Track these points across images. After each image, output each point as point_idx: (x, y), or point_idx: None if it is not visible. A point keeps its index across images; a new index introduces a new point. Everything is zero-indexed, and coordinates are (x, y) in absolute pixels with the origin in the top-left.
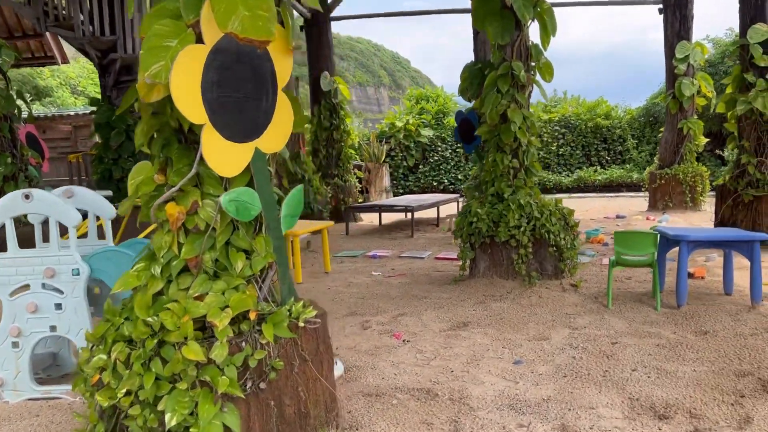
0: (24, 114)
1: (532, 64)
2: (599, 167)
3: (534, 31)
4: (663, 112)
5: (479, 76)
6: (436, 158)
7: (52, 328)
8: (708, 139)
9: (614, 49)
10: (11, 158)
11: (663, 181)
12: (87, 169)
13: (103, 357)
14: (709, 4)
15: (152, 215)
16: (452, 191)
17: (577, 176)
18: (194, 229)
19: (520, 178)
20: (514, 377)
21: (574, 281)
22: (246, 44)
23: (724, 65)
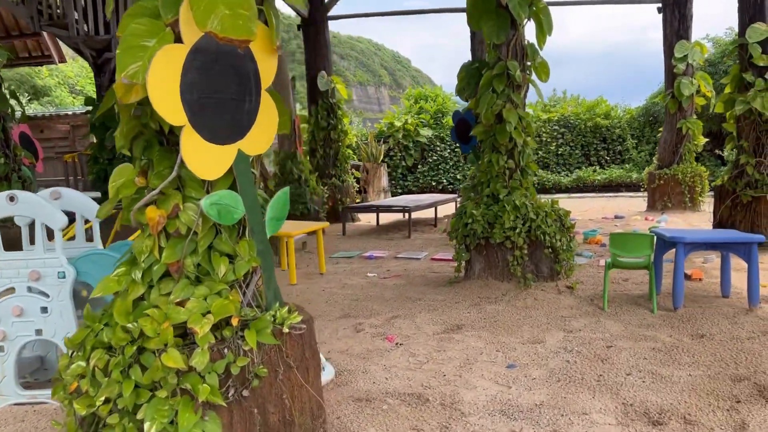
0: (18, 114)
1: (527, 63)
2: (598, 167)
3: (530, 31)
4: (662, 111)
5: (476, 76)
6: (434, 158)
7: (38, 331)
8: (707, 139)
9: (614, 48)
10: (4, 159)
11: (662, 182)
12: (83, 169)
13: (82, 364)
14: (709, 4)
15: (132, 219)
16: (451, 191)
17: (576, 176)
18: (175, 233)
19: (515, 179)
20: (507, 382)
21: (570, 283)
22: (226, 44)
23: (724, 64)
